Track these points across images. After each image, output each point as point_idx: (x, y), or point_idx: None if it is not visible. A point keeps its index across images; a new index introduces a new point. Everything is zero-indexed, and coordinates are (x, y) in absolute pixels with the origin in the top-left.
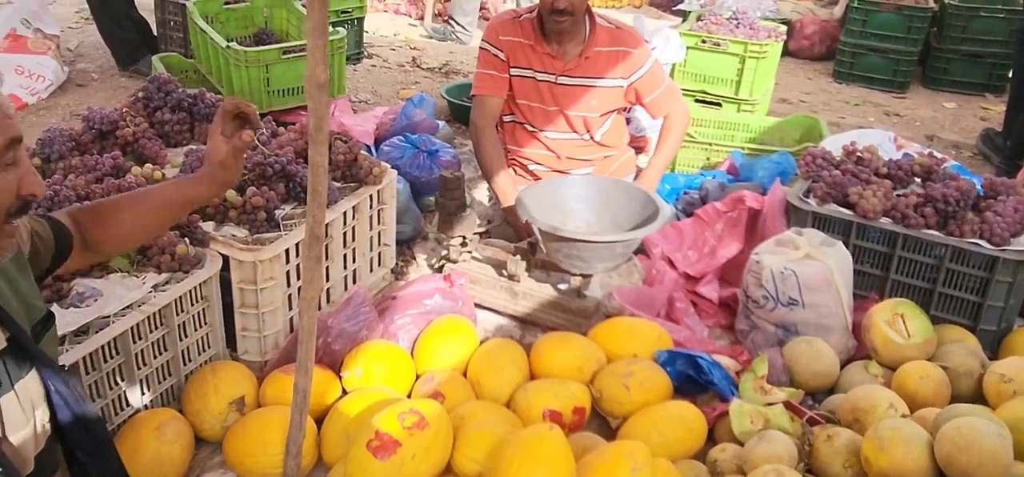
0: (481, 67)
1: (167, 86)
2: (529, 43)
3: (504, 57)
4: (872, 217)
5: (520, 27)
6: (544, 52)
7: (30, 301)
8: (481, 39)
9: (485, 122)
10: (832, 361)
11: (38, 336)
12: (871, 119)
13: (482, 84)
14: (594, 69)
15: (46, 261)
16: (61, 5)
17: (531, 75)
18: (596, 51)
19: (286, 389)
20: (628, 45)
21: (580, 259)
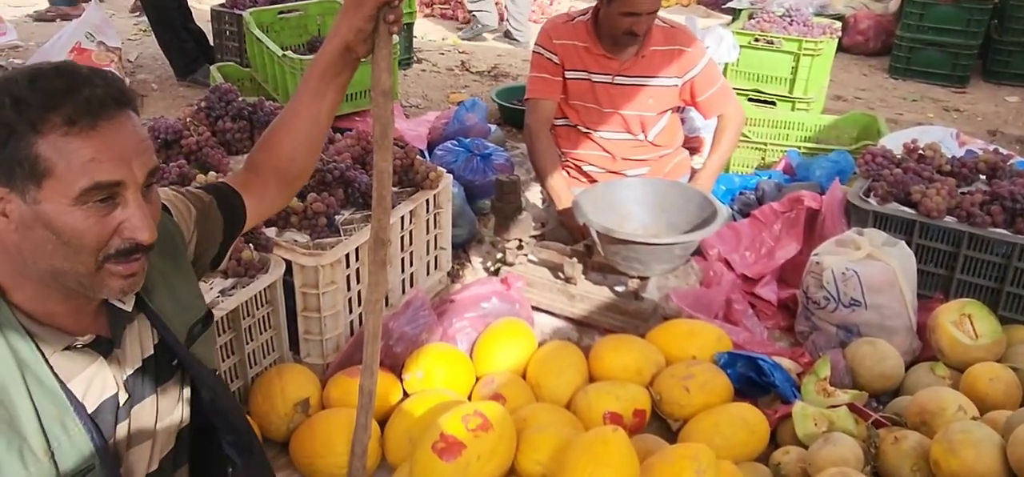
0: (535, 71)
1: (228, 95)
2: (584, 45)
3: (558, 60)
4: (936, 216)
5: (574, 30)
6: (599, 53)
7: (188, 302)
8: (534, 43)
9: (539, 125)
10: (897, 363)
11: (195, 337)
12: (930, 115)
13: (536, 88)
14: (649, 68)
15: (217, 243)
16: (120, 18)
17: (586, 77)
18: (652, 50)
19: (349, 391)
20: (683, 44)
21: (638, 261)
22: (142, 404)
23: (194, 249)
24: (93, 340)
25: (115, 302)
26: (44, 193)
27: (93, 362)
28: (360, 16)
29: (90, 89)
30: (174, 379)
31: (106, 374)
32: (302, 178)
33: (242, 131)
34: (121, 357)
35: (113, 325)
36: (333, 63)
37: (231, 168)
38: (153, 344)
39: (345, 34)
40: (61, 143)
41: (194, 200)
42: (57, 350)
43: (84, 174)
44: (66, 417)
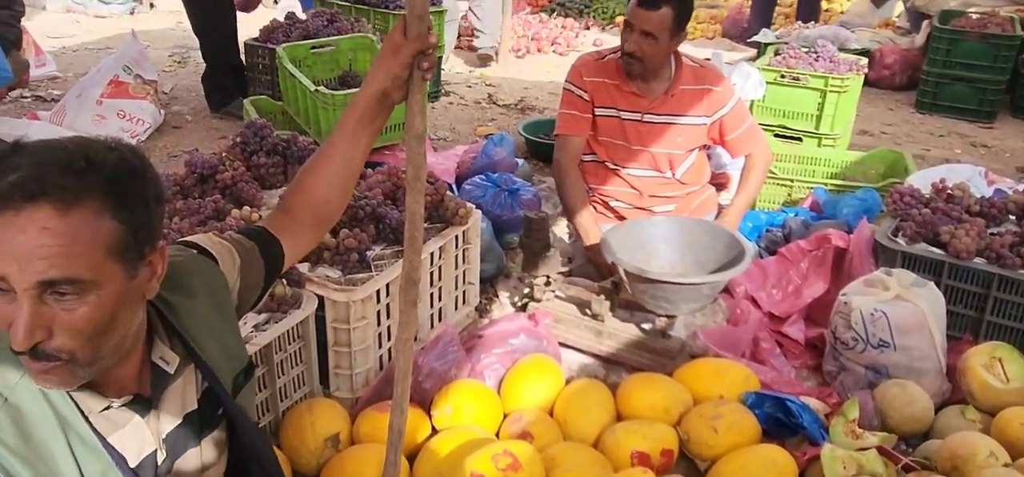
0: (564, 107)
1: (262, 131)
2: (614, 82)
3: (588, 97)
4: (965, 257)
5: (604, 67)
6: (629, 91)
7: (233, 352)
8: (565, 80)
9: (568, 161)
10: (926, 405)
11: (239, 387)
12: (957, 150)
13: (565, 124)
14: (679, 107)
15: (258, 288)
16: (155, 50)
17: (616, 114)
18: (681, 89)
19: (379, 427)
20: (712, 83)
21: (666, 300)
22: (185, 457)
23: (238, 295)
24: (131, 399)
25: (157, 362)
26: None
27: (131, 420)
28: (397, 63)
29: (15, 174)
30: (219, 427)
31: (144, 432)
32: (335, 218)
33: (276, 166)
34: (159, 415)
35: (154, 385)
36: (369, 108)
37: (265, 202)
38: (198, 397)
39: (382, 80)
40: None
41: (238, 247)
42: (96, 410)
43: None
44: (109, 472)
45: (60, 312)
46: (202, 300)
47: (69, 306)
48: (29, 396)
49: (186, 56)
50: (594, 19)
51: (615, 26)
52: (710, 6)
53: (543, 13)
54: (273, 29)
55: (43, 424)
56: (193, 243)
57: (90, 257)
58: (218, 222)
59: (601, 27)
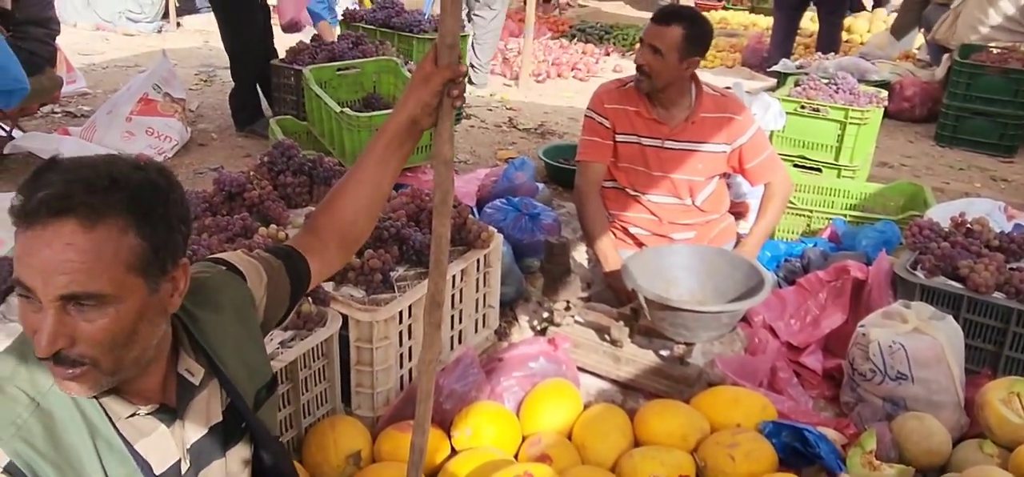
0: (586, 134)
1: (289, 151)
2: (635, 109)
3: (609, 124)
4: (984, 291)
5: (626, 95)
6: (650, 118)
7: (257, 367)
8: (587, 107)
9: (589, 187)
10: (944, 439)
11: (261, 402)
12: (977, 184)
13: (587, 151)
14: (699, 134)
15: (284, 306)
16: (182, 68)
17: (636, 141)
18: (702, 117)
19: (400, 446)
20: (733, 111)
21: (685, 328)
22: (209, 469)
23: (263, 312)
24: (156, 409)
25: (183, 374)
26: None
27: (156, 429)
28: (427, 91)
29: (45, 190)
30: (243, 441)
31: (169, 441)
32: (361, 240)
33: (302, 186)
34: (184, 425)
35: (180, 396)
36: (399, 134)
37: (291, 221)
38: (222, 409)
39: (412, 108)
40: (17, 234)
41: (265, 265)
42: (123, 417)
43: (15, 266)
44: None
45: (82, 323)
46: (228, 315)
47: (90, 317)
48: (60, 402)
49: (212, 75)
50: (614, 45)
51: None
52: (730, 35)
53: (564, 39)
54: (299, 51)
55: (72, 429)
56: (222, 260)
57: (112, 272)
58: (246, 239)
59: (621, 54)
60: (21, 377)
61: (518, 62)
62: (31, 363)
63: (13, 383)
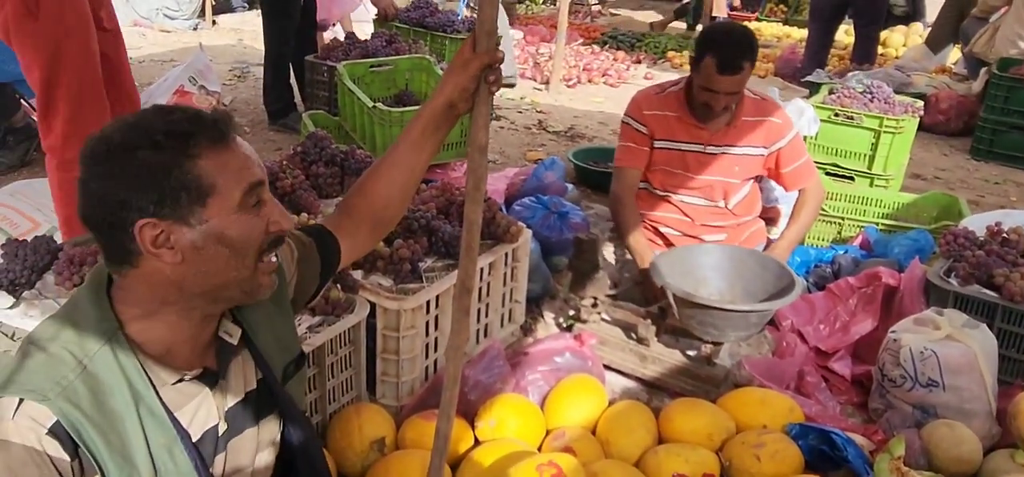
0: (623, 140)
1: (322, 142)
2: (675, 115)
3: (647, 131)
4: (1020, 301)
5: (665, 101)
6: (691, 123)
7: (286, 342)
8: (624, 113)
9: (625, 192)
10: (975, 447)
11: (289, 376)
12: (1013, 198)
13: (624, 157)
14: (739, 137)
15: (314, 284)
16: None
17: (676, 146)
18: (743, 120)
19: (424, 434)
20: (772, 115)
21: (714, 327)
22: (242, 436)
23: (294, 289)
24: (201, 372)
25: (223, 336)
26: (209, 211)
27: (200, 393)
28: (466, 76)
29: (209, 117)
30: (274, 415)
31: (210, 404)
32: (392, 224)
33: (333, 176)
34: (225, 388)
35: (220, 358)
36: (435, 117)
37: (322, 211)
38: (256, 380)
39: (450, 92)
40: (215, 160)
41: (296, 243)
42: (168, 383)
43: (241, 179)
44: (174, 446)
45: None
46: None
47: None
48: (106, 366)
49: (246, 71)
50: (645, 54)
51: (666, 60)
52: (763, 46)
53: (595, 45)
54: (333, 47)
55: (117, 394)
56: None
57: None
58: None
59: (652, 61)
60: (68, 338)
61: (549, 67)
62: (81, 326)
63: (60, 343)
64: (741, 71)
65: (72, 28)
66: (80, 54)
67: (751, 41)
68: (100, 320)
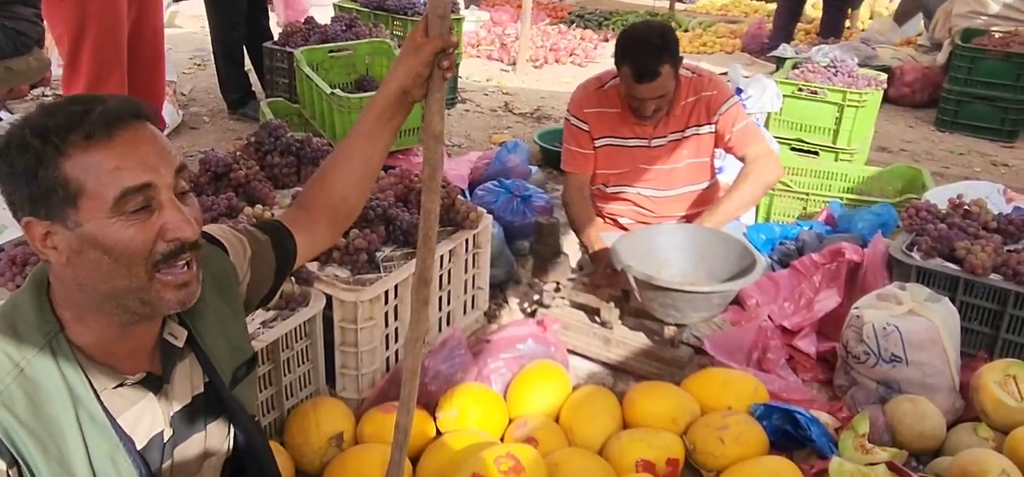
0: (568, 142)
1: (277, 131)
2: (616, 112)
3: (588, 129)
4: (981, 273)
5: (605, 96)
6: (632, 121)
7: (237, 343)
8: (566, 110)
9: (574, 194)
10: (938, 422)
11: (239, 379)
12: (977, 169)
13: (569, 162)
14: (681, 122)
15: (269, 283)
16: (176, 52)
17: (620, 143)
18: (681, 105)
19: (383, 427)
20: (706, 88)
21: (675, 308)
22: (189, 441)
23: (247, 289)
24: (144, 377)
25: (167, 338)
26: (82, 214)
27: (143, 398)
28: (418, 61)
29: (102, 105)
30: (222, 418)
31: (155, 410)
32: (352, 217)
33: (289, 166)
34: (170, 393)
35: (165, 361)
36: (389, 106)
37: (278, 202)
38: (203, 383)
39: (402, 78)
40: (84, 160)
41: (250, 240)
42: (108, 387)
43: (113, 184)
44: (116, 453)
45: (189, 210)
46: (209, 289)
47: (189, 201)
48: (44, 370)
49: (206, 59)
50: (613, 31)
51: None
52: (731, 21)
53: (562, 24)
54: (292, 32)
55: (56, 399)
56: (204, 233)
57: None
58: (231, 219)
59: None
60: (5, 341)
61: (515, 47)
62: (18, 328)
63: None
64: (658, 77)
65: (96, 5)
66: (103, 30)
67: (667, 41)
68: (39, 322)
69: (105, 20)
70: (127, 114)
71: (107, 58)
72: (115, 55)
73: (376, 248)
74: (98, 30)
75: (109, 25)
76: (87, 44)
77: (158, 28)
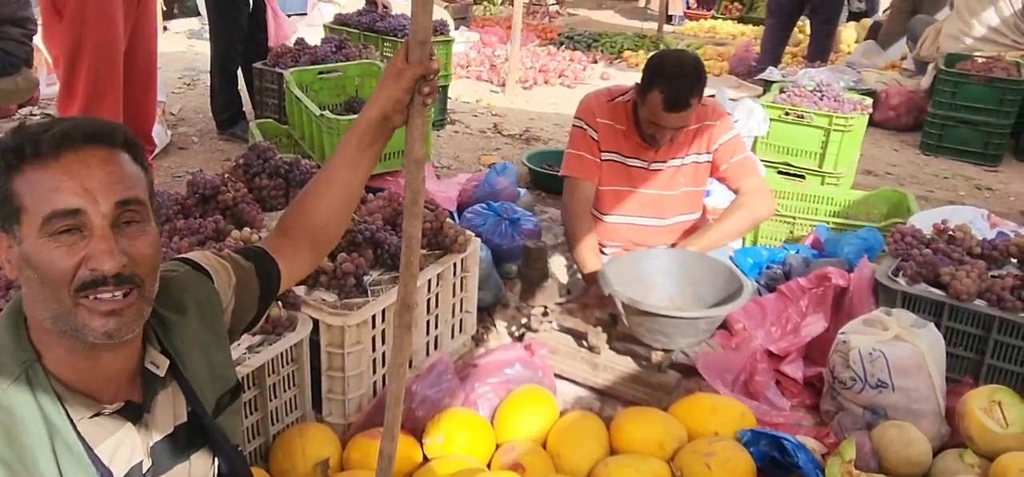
0: (575, 147)
1: (266, 153)
2: (622, 129)
3: (598, 138)
4: (966, 299)
5: (614, 110)
6: (637, 141)
7: (220, 370)
8: (575, 115)
9: (580, 207)
10: (924, 448)
11: (222, 408)
12: (961, 193)
13: (577, 166)
14: (682, 149)
15: (253, 310)
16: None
17: (621, 160)
18: (685, 132)
19: (370, 453)
20: (709, 118)
21: (662, 334)
22: (171, 472)
23: (231, 316)
24: (122, 407)
25: (148, 367)
26: (23, 231)
27: (121, 427)
28: (398, 87)
29: (62, 126)
30: (206, 448)
31: (134, 440)
32: (333, 243)
33: (278, 188)
34: (151, 422)
35: (145, 390)
36: (370, 132)
37: (266, 224)
38: (187, 411)
39: (383, 104)
40: (30, 177)
41: (235, 267)
42: (86, 417)
43: (45, 203)
44: None
45: (129, 241)
46: (192, 316)
47: (135, 234)
48: (20, 399)
49: (196, 78)
50: (602, 53)
51: (622, 60)
52: (718, 44)
53: (551, 46)
54: (282, 53)
55: (32, 428)
56: (188, 259)
57: (141, 189)
58: (218, 242)
59: (608, 61)
60: None
61: (505, 69)
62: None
63: None
64: (688, 108)
65: (92, 27)
66: (100, 51)
67: (701, 74)
68: (16, 350)
69: (102, 40)
70: (80, 136)
71: (103, 78)
72: (111, 75)
73: (364, 272)
74: (94, 50)
75: (105, 45)
76: (83, 64)
77: (152, 48)
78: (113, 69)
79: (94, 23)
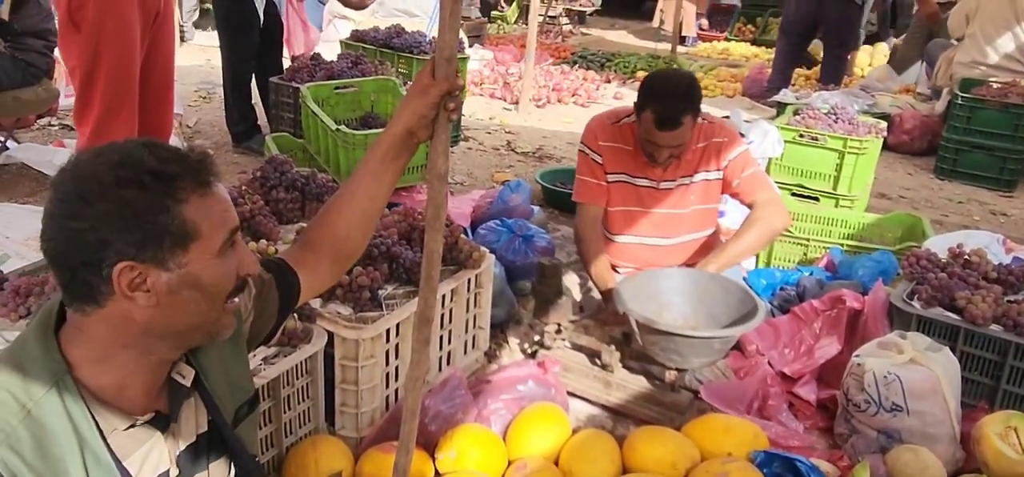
0: (581, 173)
1: (282, 166)
2: (628, 149)
3: (602, 162)
4: (981, 323)
5: (619, 132)
6: (643, 161)
7: (239, 383)
8: (580, 141)
9: (588, 230)
10: (939, 472)
11: (240, 418)
12: (976, 218)
13: (583, 192)
14: (691, 167)
15: (272, 321)
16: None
17: (629, 181)
18: (692, 149)
19: (383, 467)
20: (717, 135)
21: (676, 353)
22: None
23: (250, 327)
24: (153, 417)
25: (175, 377)
26: (190, 256)
27: (150, 438)
28: (424, 103)
29: (197, 156)
30: (223, 458)
31: (161, 449)
32: (355, 256)
33: (294, 202)
34: (177, 431)
35: (172, 400)
36: (394, 146)
37: (283, 237)
38: (207, 422)
39: (408, 119)
40: (200, 205)
41: (255, 279)
42: (119, 428)
43: (222, 227)
44: None
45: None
46: None
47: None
48: (52, 411)
49: (212, 92)
50: (615, 73)
51: (635, 80)
52: (732, 65)
53: (565, 65)
54: (298, 68)
55: (63, 441)
56: None
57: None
58: None
59: (621, 81)
60: (12, 382)
61: (519, 87)
62: (26, 369)
63: (3, 386)
64: (680, 126)
65: (110, 41)
66: (117, 63)
67: (693, 92)
68: (47, 362)
69: (119, 54)
70: (211, 164)
71: (120, 90)
72: (127, 88)
73: (379, 286)
74: (111, 64)
75: (123, 60)
76: (101, 76)
77: (170, 60)
78: (129, 83)
79: (112, 37)
